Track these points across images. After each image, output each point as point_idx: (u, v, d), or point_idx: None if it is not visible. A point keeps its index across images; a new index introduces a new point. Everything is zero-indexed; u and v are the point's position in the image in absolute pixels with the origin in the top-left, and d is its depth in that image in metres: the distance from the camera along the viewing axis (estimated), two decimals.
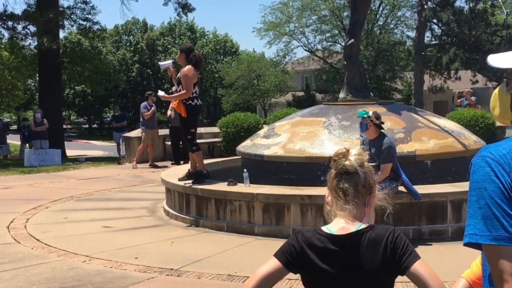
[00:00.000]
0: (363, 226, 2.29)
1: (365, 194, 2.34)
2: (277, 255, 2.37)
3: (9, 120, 65.27)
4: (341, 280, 2.24)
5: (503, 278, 1.74)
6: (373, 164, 2.43)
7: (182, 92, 8.77)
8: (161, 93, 9.24)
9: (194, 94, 8.89)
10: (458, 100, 19.57)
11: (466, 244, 1.90)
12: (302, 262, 2.29)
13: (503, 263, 1.74)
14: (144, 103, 16.89)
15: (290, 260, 2.32)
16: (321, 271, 2.25)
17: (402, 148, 8.64)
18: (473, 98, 19.34)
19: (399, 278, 2.27)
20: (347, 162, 2.32)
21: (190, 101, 8.86)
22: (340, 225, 2.30)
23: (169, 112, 16.68)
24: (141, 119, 16.82)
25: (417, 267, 2.20)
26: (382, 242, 2.23)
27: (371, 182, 2.36)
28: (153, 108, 16.79)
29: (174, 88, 9.09)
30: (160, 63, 9.40)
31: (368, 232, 2.26)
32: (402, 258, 2.22)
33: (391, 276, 2.27)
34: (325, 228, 2.32)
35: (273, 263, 2.36)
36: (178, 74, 8.95)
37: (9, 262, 6.82)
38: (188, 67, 8.83)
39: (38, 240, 7.97)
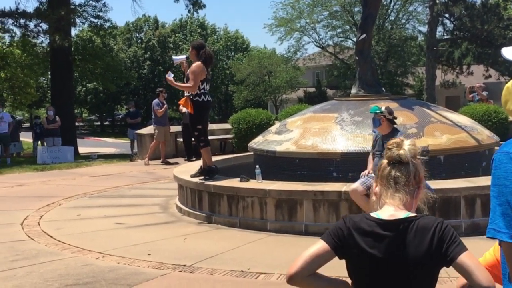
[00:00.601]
0: (412, 214, 2.30)
1: (415, 185, 2.36)
2: (324, 237, 2.36)
3: (21, 117, 65.64)
4: (386, 265, 2.24)
5: None
6: (425, 158, 2.44)
7: (187, 84, 8.80)
8: (170, 76, 9.20)
9: (202, 91, 8.89)
10: (470, 95, 19.42)
11: (489, 237, 1.89)
12: (349, 245, 2.29)
13: None
14: (156, 100, 16.90)
15: (337, 242, 2.31)
16: (367, 255, 2.25)
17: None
18: (484, 93, 19.20)
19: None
20: (401, 152, 2.35)
21: (197, 98, 8.86)
22: (389, 212, 2.31)
23: (182, 109, 16.71)
24: (153, 116, 16.83)
25: (464, 258, 2.19)
26: (430, 231, 2.24)
27: (421, 174, 2.38)
28: (165, 105, 16.82)
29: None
30: (174, 57, 9.39)
31: (417, 220, 2.27)
32: (449, 248, 2.22)
33: (436, 266, 2.27)
34: (373, 214, 2.33)
35: (321, 245, 2.33)
36: (188, 70, 8.97)
37: (23, 259, 6.86)
38: (197, 63, 8.84)
39: (51, 237, 8.01)
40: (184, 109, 16.21)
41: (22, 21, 23.33)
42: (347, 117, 9.51)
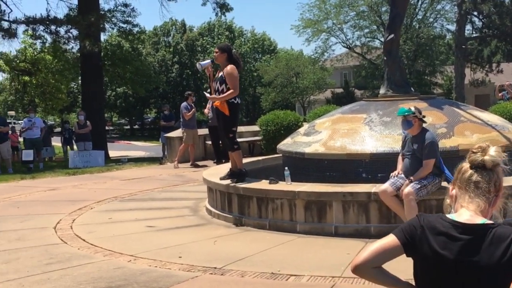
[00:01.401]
0: (489, 221, 2.25)
1: (494, 193, 2.31)
2: (395, 232, 2.31)
3: (53, 122, 66.50)
4: (456, 269, 2.19)
5: None
6: (508, 167, 2.38)
7: (230, 91, 8.75)
8: (208, 95, 9.23)
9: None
10: (500, 94, 19.12)
11: None
12: (421, 244, 2.24)
13: None
14: (184, 103, 17.01)
15: (408, 239, 2.26)
16: (438, 256, 2.20)
17: (445, 143, 8.53)
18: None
19: None
20: (486, 157, 2.29)
21: (233, 100, 8.88)
22: (465, 216, 2.25)
23: (206, 111, 16.79)
24: (181, 119, 16.94)
25: None
26: (506, 241, 2.18)
27: (501, 183, 2.33)
28: (193, 108, 16.93)
29: (215, 87, 9.03)
30: (201, 62, 9.37)
31: (494, 228, 2.22)
32: None
33: (507, 277, 2.21)
34: (449, 216, 2.28)
35: (391, 239, 2.30)
36: (220, 73, 8.92)
37: (57, 262, 6.96)
38: (232, 66, 8.83)
39: (84, 240, 8.10)
40: (207, 111, 16.38)
41: (53, 27, 23.67)
42: (376, 118, 9.47)
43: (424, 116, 7.61)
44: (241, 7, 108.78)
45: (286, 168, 8.76)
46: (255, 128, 19.11)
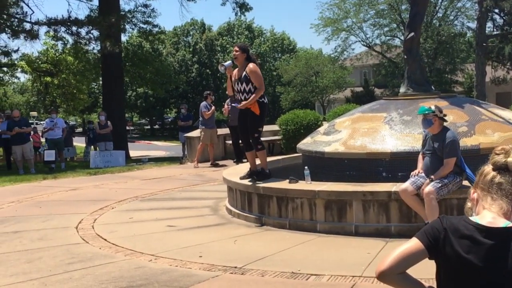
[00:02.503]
0: None
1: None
2: (418, 236, 2.28)
3: (74, 123, 67.09)
4: (480, 273, 2.16)
5: None
6: None
7: (258, 91, 8.78)
8: (239, 105, 9.03)
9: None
10: None
11: None
12: (444, 247, 2.21)
13: None
14: (204, 103, 17.06)
15: (431, 242, 2.23)
16: (462, 260, 2.17)
17: (466, 142, 8.47)
18: None
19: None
20: (509, 159, 2.26)
21: (262, 99, 8.90)
22: (488, 218, 2.22)
23: (226, 111, 16.78)
24: (200, 119, 16.99)
25: None
26: None
27: None
28: (213, 107, 16.97)
29: (237, 88, 9.00)
30: (224, 63, 9.30)
31: None
32: None
33: None
34: (472, 219, 2.25)
35: (414, 243, 2.26)
36: (244, 73, 8.84)
37: (79, 261, 7.02)
38: (254, 65, 8.85)
39: (105, 240, 8.16)
40: (226, 107, 16.39)
41: (74, 28, 23.85)
42: (396, 117, 9.43)
43: (445, 115, 7.56)
44: (260, 7, 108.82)
45: (306, 167, 8.75)
46: (275, 127, 19.11)
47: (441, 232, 2.23)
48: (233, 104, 14.81)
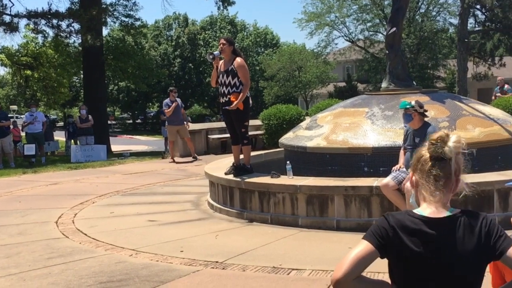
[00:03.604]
0: (456, 210, 2.27)
1: (454, 182, 2.31)
2: (367, 237, 2.29)
3: (55, 117, 66.57)
4: (433, 264, 2.19)
5: None
6: (467, 151, 2.36)
7: (246, 88, 8.76)
8: (231, 107, 8.76)
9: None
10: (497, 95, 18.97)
11: None
12: (395, 244, 2.22)
13: None
14: (166, 100, 16.84)
15: (381, 242, 2.24)
16: (414, 255, 2.20)
17: None
18: (508, 89, 18.82)
19: None
20: (446, 148, 2.28)
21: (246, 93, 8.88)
22: (431, 209, 2.26)
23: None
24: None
25: None
26: (477, 227, 2.21)
27: (461, 169, 2.32)
28: (174, 103, 16.54)
29: (222, 80, 8.92)
30: (213, 52, 9.14)
31: (462, 217, 2.24)
32: (498, 243, 2.19)
33: (485, 262, 2.24)
34: (416, 211, 2.28)
35: (364, 246, 2.27)
36: (231, 66, 8.77)
37: (59, 256, 6.96)
38: (242, 59, 8.85)
39: (85, 234, 8.11)
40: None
41: (54, 21, 23.58)
42: (378, 112, 9.45)
43: (426, 111, 7.59)
44: (243, 1, 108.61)
45: (288, 162, 8.75)
46: (258, 122, 19.10)
47: (389, 231, 2.24)
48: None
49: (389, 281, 2.35)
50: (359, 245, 2.28)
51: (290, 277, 5.87)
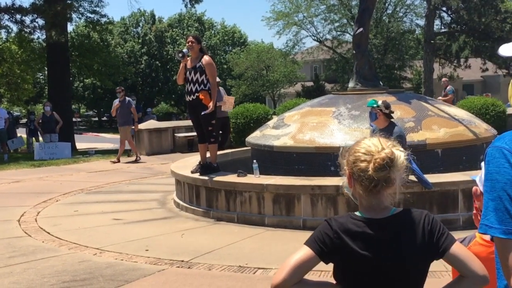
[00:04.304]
0: (397, 210, 2.26)
1: (392, 184, 2.26)
2: (308, 243, 2.26)
3: (19, 114, 65.50)
4: (379, 265, 2.18)
5: (511, 272, 1.71)
6: (408, 158, 2.35)
7: (214, 86, 8.79)
8: (207, 111, 8.72)
9: None
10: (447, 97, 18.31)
11: (481, 233, 1.87)
12: (339, 249, 2.20)
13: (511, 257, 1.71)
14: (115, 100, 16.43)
15: (323, 249, 2.21)
16: (359, 257, 2.17)
17: (413, 137, 8.58)
18: (448, 90, 18.64)
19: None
20: (391, 174, 2.23)
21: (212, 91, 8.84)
22: (372, 210, 2.24)
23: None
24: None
25: (455, 249, 2.19)
26: (419, 225, 2.21)
27: (401, 171, 2.29)
28: (115, 104, 16.12)
29: (190, 77, 8.84)
30: (182, 50, 9.07)
31: (404, 216, 2.24)
32: (440, 240, 2.20)
33: (428, 259, 2.23)
34: (358, 213, 2.26)
35: (305, 252, 2.23)
36: (199, 63, 8.74)
37: (21, 255, 6.84)
38: (209, 57, 8.87)
39: (48, 233, 7.99)
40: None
41: (18, 16, 23.21)
42: (345, 111, 9.49)
43: (392, 112, 7.64)
44: None
45: (255, 161, 8.73)
46: None
47: (332, 236, 2.22)
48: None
49: (333, 281, 2.32)
50: (300, 251, 2.25)
51: (256, 276, 5.86)
